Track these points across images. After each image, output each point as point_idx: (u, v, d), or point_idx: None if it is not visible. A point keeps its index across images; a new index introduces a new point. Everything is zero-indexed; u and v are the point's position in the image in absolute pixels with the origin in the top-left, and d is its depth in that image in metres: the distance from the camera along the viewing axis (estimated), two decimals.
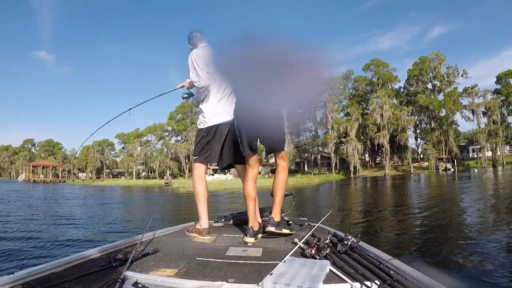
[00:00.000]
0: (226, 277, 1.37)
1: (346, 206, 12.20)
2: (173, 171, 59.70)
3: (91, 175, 70.01)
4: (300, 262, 1.46)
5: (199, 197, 2.48)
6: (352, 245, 1.66)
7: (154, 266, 1.54)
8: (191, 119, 58.94)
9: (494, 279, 3.57)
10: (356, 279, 1.27)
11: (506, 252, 4.66)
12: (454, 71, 51.14)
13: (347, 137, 50.03)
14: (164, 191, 30.72)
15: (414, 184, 25.45)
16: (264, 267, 1.51)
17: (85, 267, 1.48)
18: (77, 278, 1.30)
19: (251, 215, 2.29)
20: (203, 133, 2.52)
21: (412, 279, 1.25)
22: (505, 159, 49.42)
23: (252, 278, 1.36)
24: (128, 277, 1.31)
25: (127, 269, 1.38)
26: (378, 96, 51.07)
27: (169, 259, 1.67)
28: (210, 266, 1.55)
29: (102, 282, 1.26)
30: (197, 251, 1.85)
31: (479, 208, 9.75)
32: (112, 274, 1.35)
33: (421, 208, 10.31)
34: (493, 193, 14.14)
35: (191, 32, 2.67)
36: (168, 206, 13.54)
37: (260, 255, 1.77)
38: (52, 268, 1.44)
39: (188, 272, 1.45)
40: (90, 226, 8.58)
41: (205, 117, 2.51)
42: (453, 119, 51.14)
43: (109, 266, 1.46)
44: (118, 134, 64.66)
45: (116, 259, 1.50)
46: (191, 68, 2.45)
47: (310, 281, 1.18)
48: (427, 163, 50.53)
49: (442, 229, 6.79)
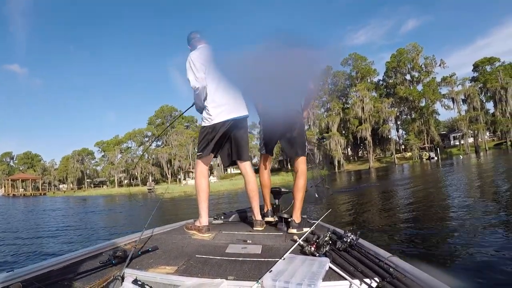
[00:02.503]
0: (226, 274, 1.37)
1: (341, 203, 11.80)
2: (156, 177, 58.37)
3: (72, 186, 68.10)
4: (300, 259, 1.46)
5: (200, 194, 2.47)
6: (352, 242, 1.67)
7: (153, 264, 1.53)
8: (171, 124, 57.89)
9: (492, 275, 3.55)
10: (356, 276, 1.28)
11: (505, 248, 4.49)
12: (431, 61, 51.65)
13: (329, 132, 49.77)
14: (148, 198, 29.93)
15: (402, 175, 25.14)
16: (264, 264, 1.50)
17: (84, 265, 1.48)
18: (77, 275, 1.29)
19: (267, 201, 2.70)
20: (207, 129, 2.51)
21: (411, 276, 1.25)
22: (487, 145, 50.04)
23: (252, 275, 1.36)
24: (128, 274, 1.31)
25: (127, 266, 1.38)
26: (358, 90, 51.16)
27: (168, 256, 1.66)
28: (209, 263, 1.54)
29: (102, 279, 1.27)
30: (196, 248, 1.84)
31: (475, 197, 9.41)
32: (112, 271, 1.35)
33: (417, 201, 10.09)
34: (487, 179, 13.81)
35: (190, 34, 2.71)
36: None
37: (259, 252, 1.76)
38: (52, 266, 1.42)
39: (187, 269, 1.45)
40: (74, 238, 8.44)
41: (210, 114, 2.49)
42: (433, 109, 51.46)
43: (109, 263, 1.45)
44: (97, 142, 63.37)
45: (116, 256, 1.48)
46: (188, 70, 2.48)
47: (309, 278, 1.19)
48: (410, 154, 50.73)
49: (438, 223, 6.65)
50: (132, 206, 20.56)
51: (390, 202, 10.67)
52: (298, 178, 2.44)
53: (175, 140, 55.29)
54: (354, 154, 58.94)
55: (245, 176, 2.60)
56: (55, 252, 6.33)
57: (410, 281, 1.22)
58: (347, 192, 15.30)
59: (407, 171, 28.70)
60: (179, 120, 58.02)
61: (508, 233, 5.12)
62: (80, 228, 10.51)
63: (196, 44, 2.62)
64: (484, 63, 53.41)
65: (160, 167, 57.64)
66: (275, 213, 2.65)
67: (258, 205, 2.59)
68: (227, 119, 2.47)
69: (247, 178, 2.59)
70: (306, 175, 2.51)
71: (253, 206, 2.56)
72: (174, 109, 59.03)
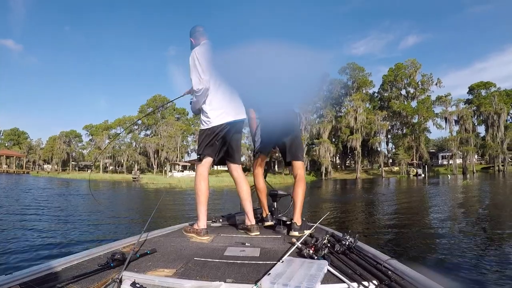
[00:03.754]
0: (224, 277, 1.38)
1: (335, 207, 12.07)
2: (141, 166, 57.63)
3: (56, 167, 66.98)
4: (298, 262, 1.47)
5: (199, 197, 2.44)
6: (350, 245, 1.67)
7: (152, 266, 1.54)
8: (162, 114, 57.26)
9: (489, 278, 3.65)
10: (354, 279, 1.28)
11: (502, 251, 4.87)
12: (428, 79, 51.80)
13: (320, 139, 49.56)
14: (132, 186, 29.41)
15: (393, 188, 25.17)
16: (262, 267, 1.51)
17: (83, 267, 1.48)
18: (75, 278, 1.30)
19: (265, 206, 2.70)
20: (207, 132, 2.48)
21: (410, 279, 1.26)
22: (475, 167, 50.44)
23: (250, 278, 1.37)
24: (126, 277, 1.32)
25: (125, 269, 1.40)
26: (353, 100, 51.08)
27: (167, 259, 1.67)
28: (208, 266, 1.56)
29: (100, 282, 1.27)
30: (195, 251, 1.85)
31: (469, 210, 10.01)
32: (110, 274, 1.36)
33: (413, 212, 10.43)
34: (478, 197, 14.75)
35: (194, 27, 2.62)
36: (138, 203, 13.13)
37: (258, 255, 1.77)
38: (50, 268, 1.43)
39: (186, 272, 1.46)
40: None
41: (209, 117, 2.45)
42: (425, 126, 51.55)
43: (107, 266, 1.45)
44: (86, 125, 62.32)
45: (114, 259, 1.49)
46: (192, 68, 2.38)
47: (308, 281, 1.20)
48: (397, 168, 50.65)
49: (436, 230, 6.91)
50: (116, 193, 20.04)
51: (392, 214, 10.67)
52: (297, 182, 2.52)
53: (165, 131, 54.65)
54: (341, 163, 58.82)
55: (237, 179, 2.56)
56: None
57: (409, 284, 1.22)
58: (345, 200, 15.44)
59: (397, 185, 28.71)
60: (170, 111, 57.46)
61: (501, 243, 5.61)
62: (56, 213, 9.99)
63: (200, 38, 2.54)
64: (479, 87, 53.80)
65: (147, 156, 56.92)
66: (273, 216, 2.67)
67: (252, 208, 2.53)
68: (226, 122, 2.45)
69: (239, 181, 2.55)
70: (305, 180, 2.59)
71: (247, 210, 2.50)
72: (167, 100, 58.45)
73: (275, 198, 2.80)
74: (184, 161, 53.36)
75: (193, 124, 58.00)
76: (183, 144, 56.99)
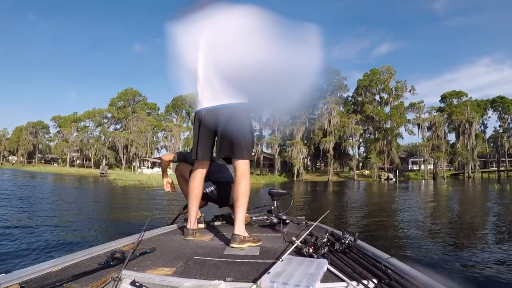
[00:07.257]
0: (224, 275, 1.39)
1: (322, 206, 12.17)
2: (110, 161, 55.79)
3: (22, 159, 64.30)
4: (298, 261, 1.46)
5: (190, 196, 2.34)
6: (350, 243, 1.68)
7: (151, 265, 1.54)
8: (132, 108, 55.70)
9: (489, 276, 3.67)
10: (354, 278, 1.29)
11: (500, 250, 4.86)
12: (403, 85, 52.57)
13: (292, 140, 49.10)
14: (99, 182, 28.05)
15: (368, 191, 24.87)
16: (262, 266, 1.52)
17: (82, 266, 1.49)
18: (75, 277, 1.30)
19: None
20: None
21: (410, 278, 1.27)
22: (445, 173, 51.19)
23: (250, 277, 1.38)
24: (126, 276, 1.33)
25: (125, 268, 1.40)
26: (327, 103, 50.97)
27: (166, 258, 1.68)
28: (207, 264, 1.57)
29: (100, 281, 1.28)
30: (194, 250, 1.86)
31: (458, 210, 10.42)
32: (110, 273, 1.37)
33: (398, 211, 10.55)
34: (465, 200, 15.30)
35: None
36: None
37: (257, 254, 1.79)
38: (50, 267, 1.43)
39: (185, 271, 1.47)
40: None
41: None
42: (398, 132, 51.91)
43: (107, 265, 1.45)
44: (54, 116, 59.81)
45: (114, 258, 1.49)
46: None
47: (307, 280, 1.20)
48: (368, 172, 50.65)
49: (434, 229, 7.01)
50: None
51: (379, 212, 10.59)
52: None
53: (135, 125, 53.14)
54: (312, 165, 58.57)
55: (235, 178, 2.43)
56: None
57: (409, 282, 1.23)
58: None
59: (370, 188, 28.48)
60: (141, 106, 55.95)
61: (503, 241, 5.69)
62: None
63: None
64: (452, 96, 54.84)
65: (115, 151, 55.19)
66: (274, 214, 2.70)
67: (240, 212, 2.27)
68: (196, 110, 2.31)
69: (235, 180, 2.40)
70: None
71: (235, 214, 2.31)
72: (138, 94, 57.34)
73: (274, 196, 2.80)
74: (154, 158, 51.90)
75: (164, 120, 56.75)
76: (153, 140, 55.63)
